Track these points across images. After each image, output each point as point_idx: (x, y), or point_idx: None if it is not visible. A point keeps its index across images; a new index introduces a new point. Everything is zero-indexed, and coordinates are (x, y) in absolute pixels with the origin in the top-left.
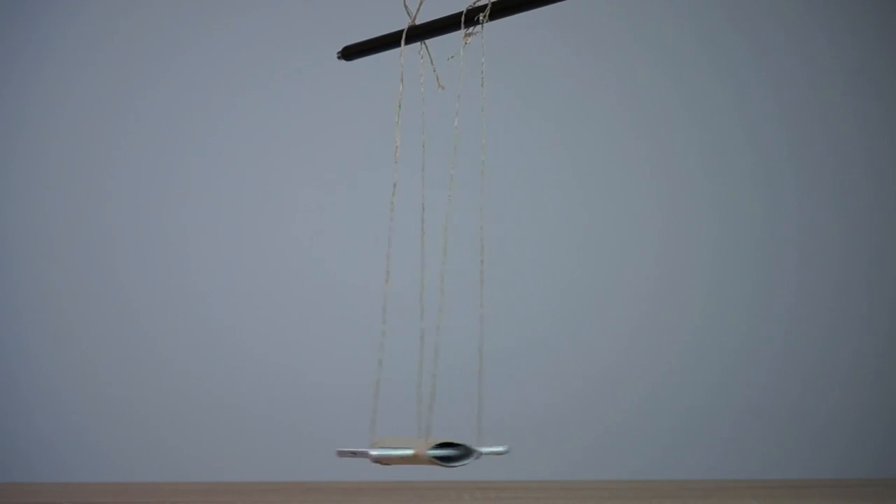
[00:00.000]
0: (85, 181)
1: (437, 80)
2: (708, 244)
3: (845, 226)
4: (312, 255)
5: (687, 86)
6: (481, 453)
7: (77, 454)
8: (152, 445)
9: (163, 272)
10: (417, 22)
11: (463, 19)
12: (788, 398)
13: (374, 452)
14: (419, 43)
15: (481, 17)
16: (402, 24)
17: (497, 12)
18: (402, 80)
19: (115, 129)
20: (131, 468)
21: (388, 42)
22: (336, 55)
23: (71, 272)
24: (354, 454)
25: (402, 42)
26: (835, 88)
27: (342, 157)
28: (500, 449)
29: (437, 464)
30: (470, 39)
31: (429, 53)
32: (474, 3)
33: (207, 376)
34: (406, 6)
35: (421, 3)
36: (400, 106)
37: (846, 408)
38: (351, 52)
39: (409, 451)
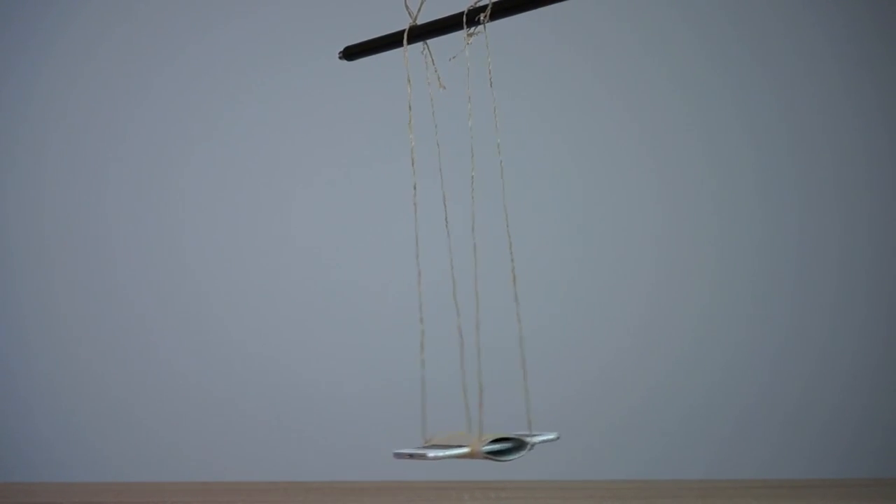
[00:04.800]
0: (85, 180)
1: (439, 80)
2: (707, 244)
3: (846, 225)
4: (312, 255)
5: (688, 85)
6: (534, 444)
7: (77, 454)
8: (152, 445)
9: (163, 272)
10: (418, 22)
11: (465, 19)
12: (788, 398)
13: (431, 455)
14: (421, 43)
15: (482, 18)
16: (404, 23)
17: (498, 12)
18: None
19: (115, 129)
20: (131, 468)
21: (389, 42)
22: (337, 55)
23: (71, 272)
24: (412, 457)
25: (405, 41)
26: (835, 86)
27: (342, 156)
28: (551, 436)
29: (491, 459)
30: (472, 39)
31: (430, 53)
32: (475, 2)
33: (207, 376)
34: (407, 6)
35: (422, 3)
36: (410, 107)
37: (846, 408)
38: (352, 52)
39: (465, 450)
